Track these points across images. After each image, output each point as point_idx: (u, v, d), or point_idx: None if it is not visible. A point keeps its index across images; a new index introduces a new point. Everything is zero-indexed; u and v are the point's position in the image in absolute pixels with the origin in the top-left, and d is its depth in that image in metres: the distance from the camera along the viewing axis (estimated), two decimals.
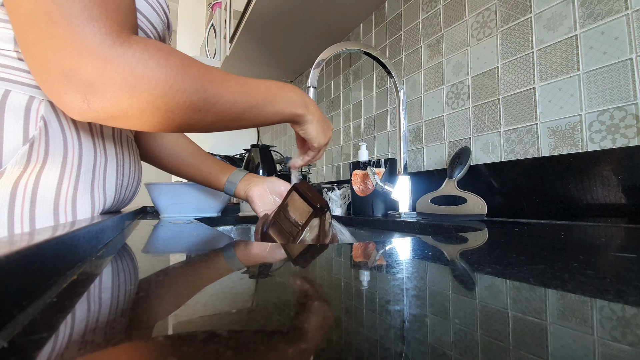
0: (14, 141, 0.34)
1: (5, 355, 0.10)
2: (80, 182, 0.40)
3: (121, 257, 0.26)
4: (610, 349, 0.10)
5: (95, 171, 0.42)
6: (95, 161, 0.42)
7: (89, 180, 0.41)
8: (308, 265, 0.23)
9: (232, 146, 2.11)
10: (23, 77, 0.36)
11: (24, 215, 0.35)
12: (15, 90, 0.35)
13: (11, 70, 0.35)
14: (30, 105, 0.36)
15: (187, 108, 0.35)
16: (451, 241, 0.32)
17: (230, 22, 1.38)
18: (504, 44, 0.66)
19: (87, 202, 0.42)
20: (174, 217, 0.80)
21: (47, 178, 0.37)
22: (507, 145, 0.65)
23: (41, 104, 0.36)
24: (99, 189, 0.44)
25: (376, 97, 1.06)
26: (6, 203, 0.34)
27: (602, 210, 0.50)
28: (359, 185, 0.85)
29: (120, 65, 0.30)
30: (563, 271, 0.19)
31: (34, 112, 0.36)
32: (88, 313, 0.13)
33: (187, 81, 0.34)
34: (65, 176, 0.38)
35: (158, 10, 0.45)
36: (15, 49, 0.35)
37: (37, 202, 0.36)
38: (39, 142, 0.36)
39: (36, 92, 0.36)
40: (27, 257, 0.14)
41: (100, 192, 0.44)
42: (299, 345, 0.10)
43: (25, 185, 0.35)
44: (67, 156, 0.38)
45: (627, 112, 0.49)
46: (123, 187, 0.50)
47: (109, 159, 0.45)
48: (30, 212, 0.36)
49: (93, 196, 0.42)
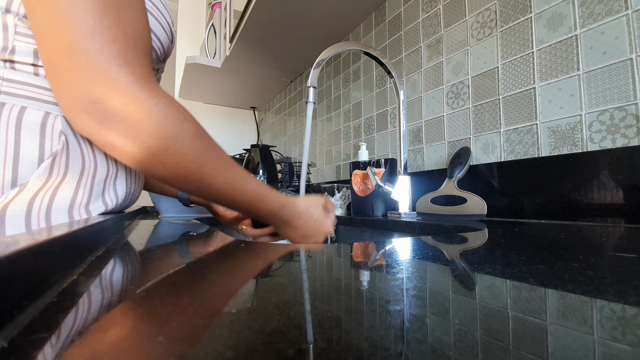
0: (30, 157, 0.35)
1: (5, 355, 0.10)
2: (93, 193, 0.42)
3: (121, 257, 0.26)
4: (610, 349, 0.10)
5: (107, 182, 0.44)
6: (108, 172, 0.43)
7: (100, 190, 0.43)
8: (308, 265, 0.23)
9: (232, 146, 2.11)
10: (39, 93, 0.37)
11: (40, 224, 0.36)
12: (31, 107, 0.36)
13: (27, 87, 0.36)
14: (46, 122, 0.37)
15: (177, 169, 0.38)
16: (451, 241, 0.32)
17: (230, 22, 1.38)
18: (504, 44, 0.66)
19: (100, 207, 0.43)
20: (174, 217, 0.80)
21: (64, 190, 0.38)
22: (507, 145, 0.65)
23: (57, 120, 0.37)
24: (110, 195, 0.45)
25: (376, 97, 1.06)
26: (23, 214, 0.35)
27: (602, 210, 0.50)
28: (359, 185, 0.85)
29: (141, 107, 0.34)
30: (563, 271, 0.19)
31: (50, 128, 0.37)
32: (88, 313, 0.13)
33: (191, 149, 0.38)
34: (81, 188, 0.40)
35: (165, 27, 0.46)
36: (34, 62, 0.36)
37: (52, 211, 0.37)
38: (61, 157, 0.37)
39: (52, 108, 0.37)
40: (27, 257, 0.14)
41: (113, 197, 0.46)
42: (299, 345, 0.10)
43: (42, 196, 0.36)
44: (85, 169, 0.40)
45: (627, 112, 0.49)
46: (130, 194, 0.52)
47: (120, 169, 0.46)
48: (47, 220, 0.37)
49: (105, 202, 0.44)
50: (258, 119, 2.21)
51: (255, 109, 2.19)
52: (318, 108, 1.42)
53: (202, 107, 2.09)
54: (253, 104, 2.09)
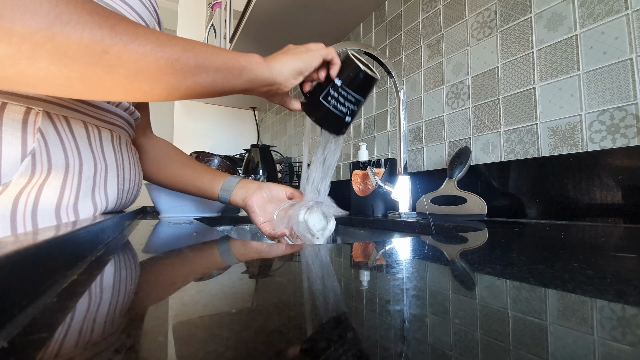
0: (13, 154, 0.34)
1: (5, 355, 0.10)
2: (81, 190, 0.40)
3: (121, 257, 0.26)
4: (610, 349, 0.10)
5: (96, 178, 0.42)
6: (95, 169, 0.42)
7: (89, 187, 0.41)
8: (308, 265, 0.23)
9: (232, 146, 2.11)
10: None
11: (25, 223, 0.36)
12: (11, 102, 0.35)
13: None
14: (27, 118, 0.35)
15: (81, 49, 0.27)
16: (451, 241, 0.32)
17: (230, 22, 1.38)
18: (504, 44, 0.66)
19: (89, 207, 0.42)
20: (174, 217, 0.80)
21: (50, 187, 0.37)
22: (507, 145, 0.65)
23: (38, 116, 0.36)
24: (100, 194, 0.44)
25: (376, 97, 1.06)
26: (8, 212, 0.34)
27: (602, 210, 0.50)
28: (359, 185, 0.85)
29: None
30: (563, 271, 0.19)
31: (31, 124, 0.36)
32: (88, 313, 0.13)
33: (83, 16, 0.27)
34: (67, 185, 0.38)
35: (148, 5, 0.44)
36: None
37: (38, 211, 0.36)
38: (40, 153, 0.36)
39: (32, 103, 0.36)
40: (27, 257, 0.14)
41: (102, 198, 0.44)
42: (299, 345, 0.10)
43: (27, 194, 0.35)
44: (69, 165, 0.38)
45: (627, 112, 0.49)
46: (124, 192, 0.50)
47: (109, 165, 0.45)
48: (32, 219, 0.36)
49: (95, 202, 0.42)
50: (258, 119, 2.21)
51: (255, 109, 2.19)
52: None
53: (202, 107, 2.09)
54: (253, 104, 2.09)
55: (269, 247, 0.29)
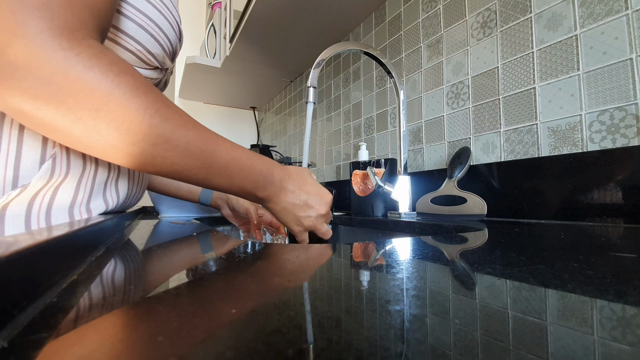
0: (33, 157, 0.35)
1: (5, 355, 0.10)
2: (93, 193, 0.41)
3: (121, 257, 0.26)
4: (610, 349, 0.10)
5: (108, 182, 0.43)
6: (109, 174, 0.43)
7: (100, 190, 0.42)
8: (308, 265, 0.23)
9: None
10: None
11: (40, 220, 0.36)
12: None
13: None
14: None
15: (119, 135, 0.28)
16: (451, 241, 0.32)
17: (230, 22, 1.38)
18: (504, 44, 0.66)
19: (101, 205, 0.43)
20: (174, 218, 0.80)
21: (65, 189, 0.38)
22: (507, 145, 0.65)
23: None
24: (111, 194, 0.45)
25: (376, 97, 1.06)
26: (23, 213, 0.35)
27: (602, 210, 0.50)
28: (359, 185, 0.85)
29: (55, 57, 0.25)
30: (563, 271, 0.19)
31: None
32: (88, 313, 0.13)
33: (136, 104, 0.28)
34: (81, 188, 0.39)
35: (174, 25, 0.45)
36: None
37: (52, 209, 0.37)
38: (61, 158, 0.37)
39: None
40: (27, 257, 0.14)
41: (114, 194, 0.45)
42: (299, 345, 0.10)
43: (43, 196, 0.36)
44: (85, 170, 0.39)
45: (627, 112, 0.49)
46: (131, 196, 0.51)
47: (122, 170, 0.46)
48: (47, 218, 0.37)
49: (106, 200, 0.44)
50: (258, 119, 2.21)
51: (255, 109, 2.19)
52: (318, 108, 1.42)
53: (202, 107, 2.09)
54: (253, 104, 2.09)
55: (269, 247, 0.29)
